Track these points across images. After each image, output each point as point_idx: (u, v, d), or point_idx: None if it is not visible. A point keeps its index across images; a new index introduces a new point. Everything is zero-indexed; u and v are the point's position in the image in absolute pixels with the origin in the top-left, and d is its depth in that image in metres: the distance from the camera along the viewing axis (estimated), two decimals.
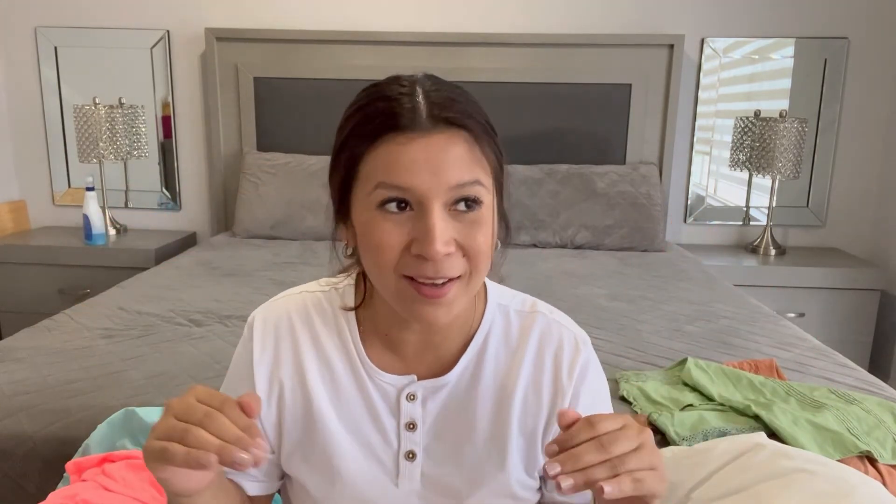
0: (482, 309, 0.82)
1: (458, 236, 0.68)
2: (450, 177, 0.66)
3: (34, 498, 1.26)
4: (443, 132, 0.67)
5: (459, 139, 0.67)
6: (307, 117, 2.97)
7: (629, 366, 1.63)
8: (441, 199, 0.67)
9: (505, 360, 0.80)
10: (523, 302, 0.84)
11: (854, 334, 2.78)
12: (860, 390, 1.49)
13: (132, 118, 2.96)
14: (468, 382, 0.80)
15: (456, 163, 0.67)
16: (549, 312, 0.83)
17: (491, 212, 0.70)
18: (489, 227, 0.70)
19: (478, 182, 0.68)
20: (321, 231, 2.83)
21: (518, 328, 0.81)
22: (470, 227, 0.68)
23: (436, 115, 0.67)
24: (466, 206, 0.68)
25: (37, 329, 1.80)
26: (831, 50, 2.92)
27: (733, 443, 1.14)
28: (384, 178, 0.67)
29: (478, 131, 0.69)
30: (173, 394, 1.43)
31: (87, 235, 2.86)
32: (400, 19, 2.97)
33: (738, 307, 2.08)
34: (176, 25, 3.02)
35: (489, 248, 0.70)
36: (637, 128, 2.95)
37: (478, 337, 0.80)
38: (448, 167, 0.66)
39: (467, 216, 0.68)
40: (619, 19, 2.94)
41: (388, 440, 0.79)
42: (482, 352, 0.80)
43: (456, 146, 0.67)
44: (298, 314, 0.82)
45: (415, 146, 0.66)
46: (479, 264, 0.70)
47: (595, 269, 2.48)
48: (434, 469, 0.79)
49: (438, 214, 0.66)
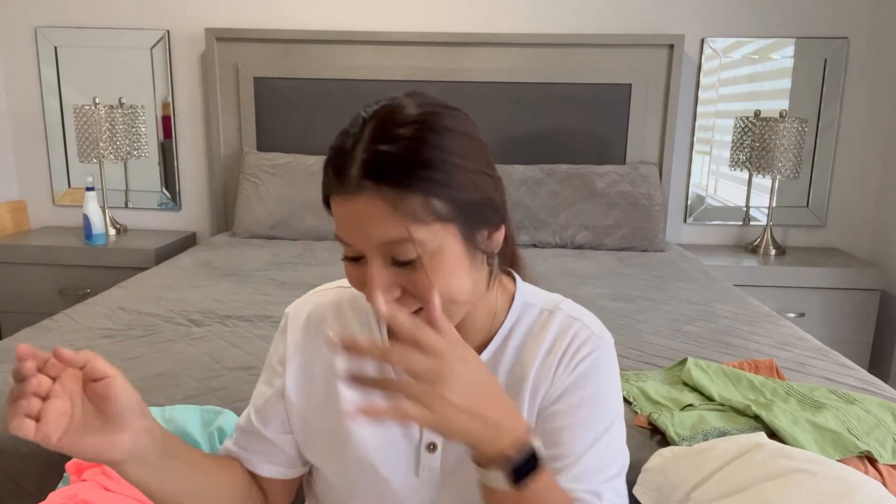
0: (508, 307, 0.85)
1: (403, 282, 0.71)
2: (374, 236, 0.69)
3: (34, 498, 1.26)
4: (367, 192, 0.68)
5: (378, 200, 0.67)
6: (307, 117, 2.98)
7: (629, 366, 1.63)
8: (376, 253, 0.70)
9: (523, 352, 0.83)
10: (549, 301, 0.86)
11: (854, 334, 2.78)
12: (860, 390, 1.49)
13: (132, 118, 2.96)
14: None
15: (377, 223, 0.68)
16: (570, 310, 0.85)
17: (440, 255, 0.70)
18: (438, 269, 0.70)
19: (404, 239, 0.68)
20: (321, 231, 2.84)
21: (539, 324, 0.84)
22: (412, 275, 0.70)
23: (360, 177, 0.68)
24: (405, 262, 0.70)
25: (37, 329, 1.80)
26: (831, 50, 2.92)
27: (733, 443, 1.14)
28: (335, 230, 0.72)
29: (411, 184, 0.67)
30: (173, 394, 1.43)
31: (87, 235, 2.86)
32: (400, 19, 2.97)
33: (738, 307, 2.08)
34: (176, 25, 3.02)
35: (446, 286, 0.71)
36: (637, 128, 2.95)
37: (501, 331, 0.83)
38: (371, 228, 0.68)
39: (408, 266, 0.70)
40: (619, 19, 2.94)
41: (410, 432, 0.82)
42: (503, 346, 0.83)
43: (374, 208, 0.68)
44: (333, 309, 0.87)
45: (346, 205, 0.70)
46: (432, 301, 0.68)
47: (595, 269, 2.48)
48: (453, 459, 0.81)
49: (376, 265, 0.70)
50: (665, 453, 1.20)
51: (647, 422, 1.34)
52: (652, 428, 1.33)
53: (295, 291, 1.95)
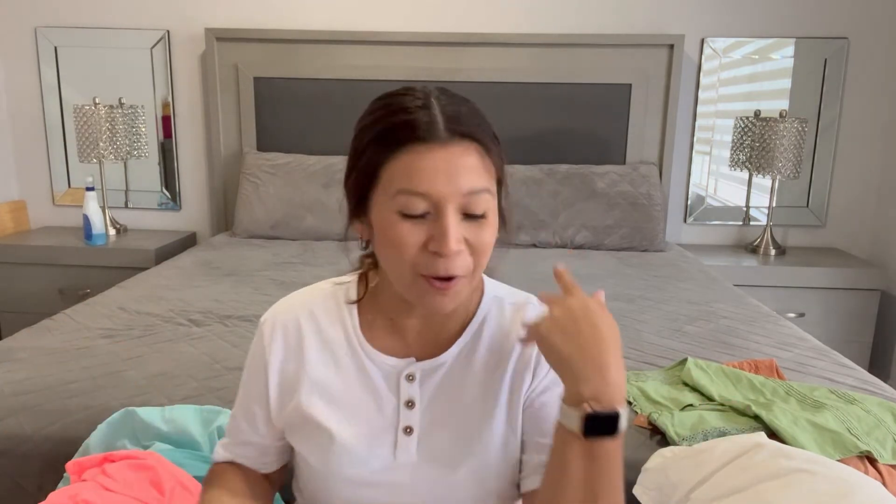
0: (478, 299, 0.90)
1: (469, 235, 0.76)
2: (463, 184, 0.74)
3: (34, 498, 1.26)
4: (458, 144, 0.74)
5: (473, 150, 0.75)
6: (307, 117, 2.98)
7: (629, 366, 1.63)
8: (455, 203, 0.74)
9: (498, 342, 0.88)
10: (517, 295, 0.92)
11: (854, 334, 2.78)
12: (860, 390, 1.49)
13: (132, 118, 2.96)
14: (463, 362, 0.87)
15: (470, 172, 0.75)
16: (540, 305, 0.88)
17: (495, 214, 0.79)
18: (494, 227, 0.79)
19: (486, 190, 0.76)
20: (321, 231, 2.84)
21: (510, 316, 0.89)
22: (479, 229, 0.77)
23: (451, 128, 0.74)
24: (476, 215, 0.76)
25: (37, 329, 1.80)
26: (831, 50, 2.92)
27: (733, 443, 1.14)
28: (405, 185, 0.74)
29: (487, 143, 0.77)
30: (173, 394, 1.43)
31: (87, 235, 2.86)
32: (400, 19, 2.97)
33: (738, 307, 2.08)
34: (176, 25, 3.02)
35: (490, 248, 0.79)
36: (637, 128, 2.95)
37: (473, 323, 0.88)
38: (463, 175, 0.74)
39: (476, 219, 0.76)
40: (618, 19, 2.94)
41: (388, 417, 0.86)
42: (477, 336, 0.88)
43: (469, 156, 0.75)
44: (304, 310, 0.90)
45: (433, 155, 0.74)
46: (482, 260, 0.78)
47: (595, 269, 2.48)
48: (429, 441, 0.86)
49: (452, 217, 0.74)
50: (665, 453, 1.19)
51: (647, 422, 1.34)
52: (652, 428, 1.33)
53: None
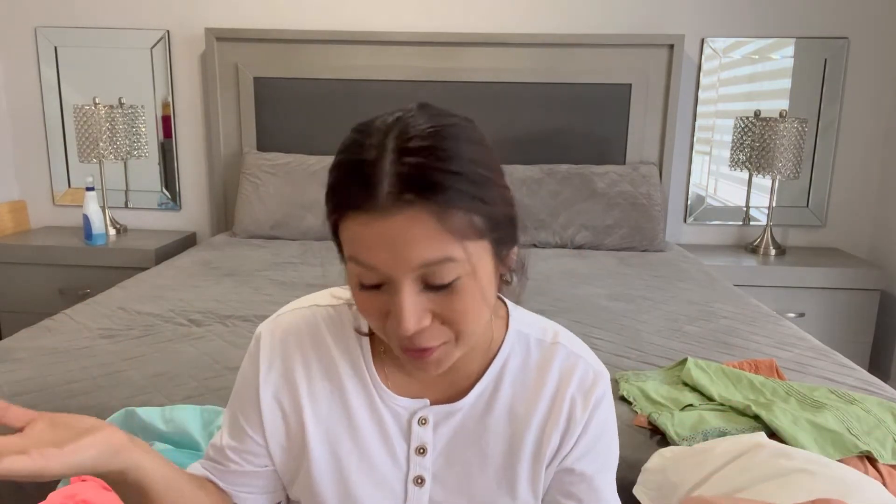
0: (502, 335, 0.79)
1: (436, 308, 0.65)
2: (413, 258, 0.62)
3: (34, 498, 1.26)
4: (405, 211, 0.61)
5: (423, 215, 0.61)
6: (307, 117, 2.98)
7: (629, 366, 1.63)
8: (409, 277, 0.63)
9: (522, 391, 0.78)
10: (544, 331, 0.81)
11: (854, 334, 2.78)
12: (860, 390, 1.49)
13: (132, 118, 2.96)
14: (482, 409, 0.78)
15: (418, 243, 0.61)
16: (569, 344, 0.80)
17: (475, 277, 0.65)
18: (472, 292, 0.65)
19: (447, 259, 0.62)
20: (321, 231, 2.83)
21: (538, 360, 0.79)
22: (448, 299, 0.65)
23: (398, 193, 0.61)
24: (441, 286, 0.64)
25: (37, 329, 1.80)
26: (831, 50, 2.92)
27: (733, 443, 1.14)
28: (353, 254, 0.64)
29: (452, 197, 0.61)
30: (173, 394, 1.43)
31: (87, 235, 2.86)
32: (400, 19, 2.97)
33: (738, 307, 2.08)
34: (176, 25, 3.02)
35: (476, 311, 0.67)
36: (637, 128, 2.95)
37: (495, 364, 0.78)
38: (411, 249, 0.61)
39: (443, 289, 0.64)
40: (619, 19, 2.94)
41: (398, 464, 0.78)
42: (499, 379, 0.78)
43: (418, 225, 0.61)
44: (309, 331, 0.79)
45: (375, 227, 0.62)
46: (465, 329, 0.67)
47: (595, 269, 2.48)
48: (442, 495, 0.78)
49: (408, 291, 0.63)
50: (665, 453, 1.20)
51: (647, 422, 1.34)
52: (652, 428, 1.33)
53: (295, 291, 1.95)
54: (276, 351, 0.79)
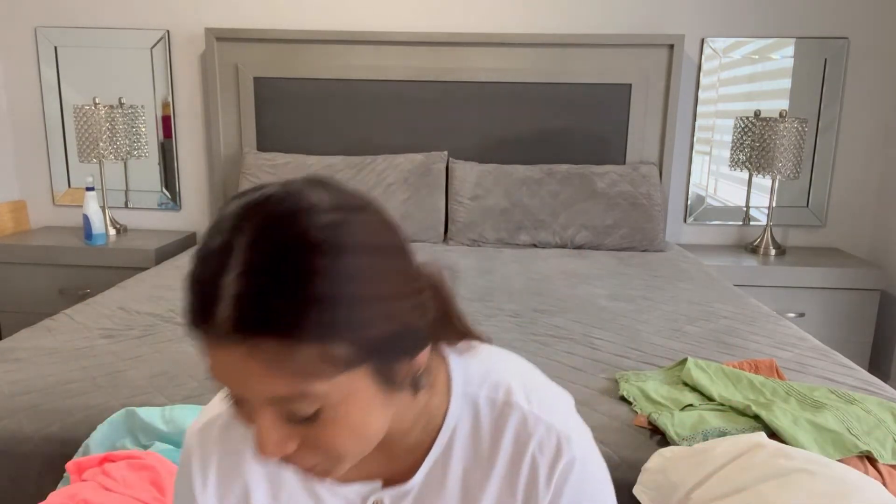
0: (446, 403, 0.69)
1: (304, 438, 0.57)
2: (259, 391, 0.54)
3: (34, 498, 1.26)
4: (241, 344, 0.51)
5: (265, 349, 0.51)
6: (307, 117, 2.98)
7: (629, 366, 1.63)
8: (265, 406, 0.55)
9: (475, 463, 0.70)
10: (495, 388, 0.70)
11: (854, 334, 2.78)
12: (860, 390, 1.49)
13: (132, 118, 2.96)
14: (436, 486, 0.71)
15: (262, 378, 0.52)
16: (526, 403, 0.69)
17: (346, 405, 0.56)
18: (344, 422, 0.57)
19: (300, 395, 0.54)
20: None
21: (489, 426, 0.69)
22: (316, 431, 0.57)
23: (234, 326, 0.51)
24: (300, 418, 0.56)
25: (37, 329, 1.80)
26: (831, 50, 2.92)
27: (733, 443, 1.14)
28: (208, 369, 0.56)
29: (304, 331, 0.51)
30: (173, 394, 1.43)
31: (87, 235, 2.86)
32: (400, 19, 2.97)
33: (738, 307, 2.08)
34: (176, 25, 3.02)
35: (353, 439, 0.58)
36: (637, 128, 2.95)
37: (441, 437, 0.70)
38: (256, 382, 0.53)
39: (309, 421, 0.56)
40: (619, 19, 2.94)
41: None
42: (447, 453, 0.70)
43: (258, 359, 0.51)
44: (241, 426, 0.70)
45: (215, 353, 0.53)
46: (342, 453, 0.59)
47: (595, 269, 2.48)
48: None
49: (266, 420, 0.56)
50: (665, 453, 1.20)
51: (647, 422, 1.34)
52: (652, 428, 1.33)
53: None
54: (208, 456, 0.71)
